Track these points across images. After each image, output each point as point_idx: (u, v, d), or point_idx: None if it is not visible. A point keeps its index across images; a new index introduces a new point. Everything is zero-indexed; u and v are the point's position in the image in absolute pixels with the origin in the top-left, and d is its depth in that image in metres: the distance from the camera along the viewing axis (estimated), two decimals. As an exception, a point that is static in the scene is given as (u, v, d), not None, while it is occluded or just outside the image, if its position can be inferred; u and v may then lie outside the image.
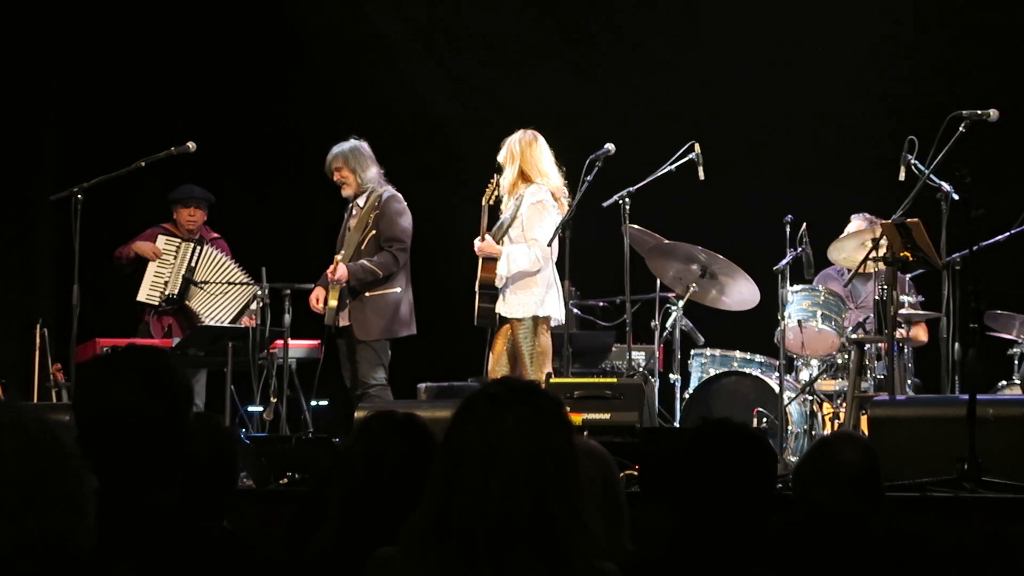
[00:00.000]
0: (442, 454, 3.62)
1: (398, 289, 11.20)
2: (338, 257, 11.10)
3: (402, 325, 11.23)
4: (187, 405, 3.75)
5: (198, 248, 12.10)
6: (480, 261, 10.81)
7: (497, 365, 10.79)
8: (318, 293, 11.19)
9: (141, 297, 12.08)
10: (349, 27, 14.38)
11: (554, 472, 3.52)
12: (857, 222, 11.73)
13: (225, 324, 11.76)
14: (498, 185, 10.91)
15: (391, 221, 11.14)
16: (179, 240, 12.11)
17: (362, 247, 11.07)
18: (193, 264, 12.07)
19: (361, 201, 11.23)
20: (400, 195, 11.28)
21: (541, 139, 10.83)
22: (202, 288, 12.01)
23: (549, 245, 10.62)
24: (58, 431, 2.59)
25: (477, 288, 10.84)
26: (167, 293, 12.03)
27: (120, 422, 3.55)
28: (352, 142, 11.22)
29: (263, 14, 14.48)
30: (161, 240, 12.13)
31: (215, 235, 12.43)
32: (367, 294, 11.13)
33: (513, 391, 3.60)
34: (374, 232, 11.07)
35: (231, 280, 11.98)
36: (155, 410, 3.62)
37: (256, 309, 11.70)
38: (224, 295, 12.04)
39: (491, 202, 10.91)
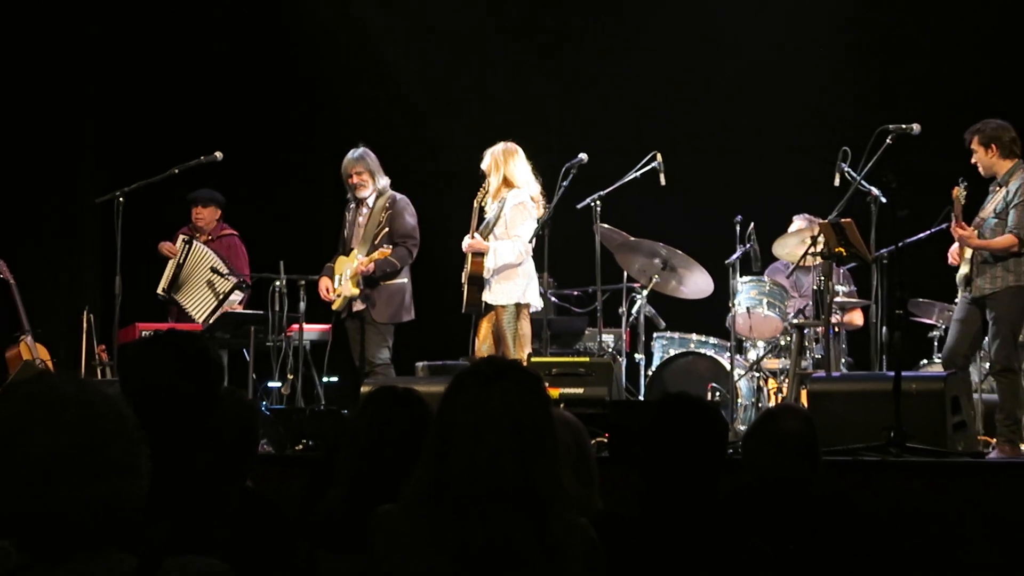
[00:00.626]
0: (436, 425, 3.64)
1: (404, 279, 11.16)
2: (355, 251, 11.06)
3: (406, 311, 11.18)
4: (218, 381, 3.76)
5: (187, 246, 12.05)
6: (469, 256, 10.79)
7: (482, 346, 10.77)
8: (325, 283, 11.14)
9: (158, 290, 12.08)
10: (355, 50, 14.37)
11: (534, 440, 3.54)
12: (799, 222, 11.73)
13: (204, 315, 11.72)
14: (486, 187, 10.90)
15: (404, 220, 11.09)
16: (188, 239, 12.09)
17: (375, 241, 11.02)
18: (182, 261, 12.02)
19: (371, 201, 11.14)
20: (407, 198, 11.23)
21: (520, 151, 10.83)
22: (183, 284, 12.00)
23: (530, 242, 10.62)
24: (119, 404, 2.60)
25: (466, 280, 10.81)
26: (161, 287, 12.04)
27: (160, 395, 3.56)
28: (364, 149, 11.17)
29: (276, 37, 14.45)
30: (179, 240, 12.13)
31: (228, 232, 12.34)
32: (383, 283, 11.06)
33: (498, 369, 3.63)
34: (387, 229, 11.02)
35: (211, 272, 11.91)
36: (190, 385, 3.63)
37: (240, 300, 11.72)
38: (202, 288, 11.99)
39: (483, 203, 10.90)
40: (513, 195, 10.73)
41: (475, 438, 3.51)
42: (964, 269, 9.71)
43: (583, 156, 10.60)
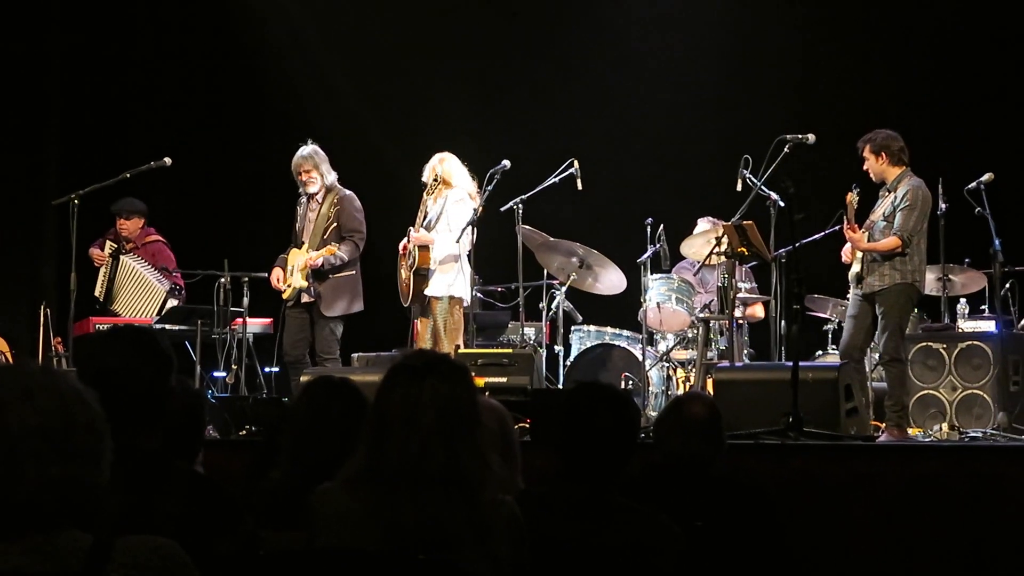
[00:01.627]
0: (372, 413, 3.66)
1: (353, 271, 11.03)
2: (305, 244, 10.97)
3: (355, 302, 11.04)
4: (168, 369, 3.74)
5: (114, 261, 11.99)
6: (416, 250, 10.74)
7: (424, 338, 10.75)
8: (277, 273, 11.02)
9: (95, 292, 12.03)
10: (298, 61, 14.36)
11: (461, 427, 3.57)
12: (703, 224, 11.78)
13: (147, 318, 11.68)
14: (430, 191, 10.85)
15: (351, 216, 10.94)
16: (113, 248, 12.03)
17: (324, 236, 10.92)
18: (113, 275, 12.00)
19: (320, 197, 11.01)
20: (355, 194, 11.12)
21: (452, 156, 10.83)
22: (116, 296, 11.96)
23: (458, 241, 10.60)
24: (87, 396, 2.59)
25: (410, 272, 10.76)
26: (98, 298, 11.99)
27: (114, 381, 3.54)
28: (313, 146, 11.04)
29: (220, 46, 14.40)
30: (106, 247, 12.06)
31: (153, 238, 12.20)
32: (331, 276, 10.92)
33: (427, 363, 3.65)
34: (335, 224, 10.90)
35: (141, 280, 11.90)
36: (143, 373, 3.62)
37: (176, 304, 11.70)
38: (135, 297, 11.95)
39: (429, 197, 10.86)
40: (453, 193, 10.72)
41: (407, 426, 3.54)
42: (856, 268, 9.79)
43: (506, 163, 10.61)
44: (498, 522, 3.61)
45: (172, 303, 11.71)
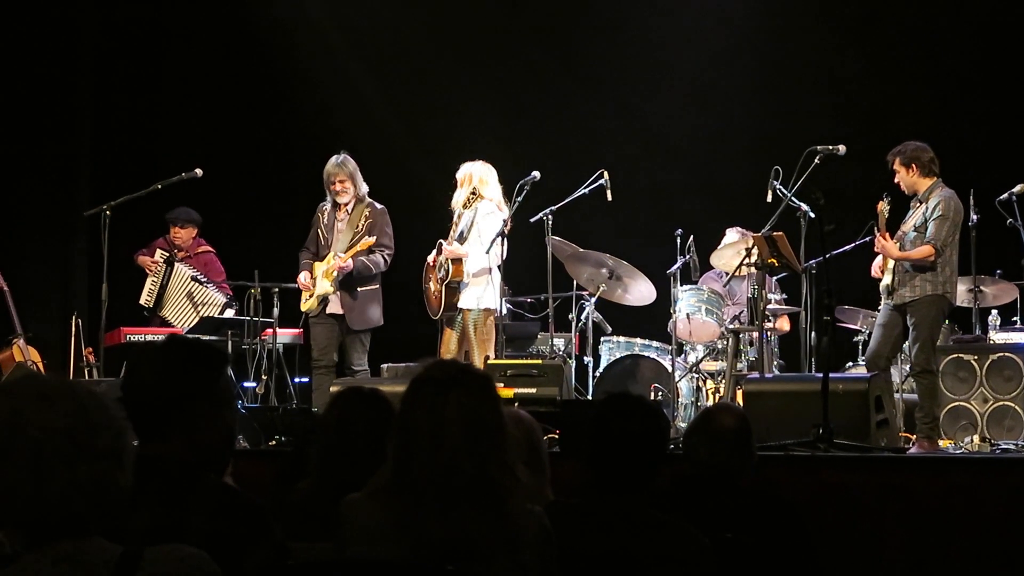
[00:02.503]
0: (397, 428, 3.63)
1: (377, 285, 10.98)
2: (330, 255, 10.91)
3: (380, 316, 11.01)
4: (209, 382, 3.72)
5: (169, 269, 12.07)
6: (449, 263, 10.72)
7: (448, 348, 10.76)
8: (305, 274, 10.95)
9: (141, 301, 12.08)
10: (323, 72, 14.39)
11: (488, 439, 3.55)
12: (731, 234, 11.77)
13: (187, 325, 11.73)
14: (467, 204, 10.85)
15: (382, 231, 10.87)
16: (166, 256, 12.09)
17: (352, 245, 10.86)
18: (165, 283, 12.06)
19: (350, 207, 10.94)
20: (385, 207, 11.06)
21: (487, 165, 10.83)
22: (166, 302, 12.02)
23: (487, 252, 10.60)
24: (104, 397, 2.63)
25: (441, 285, 10.76)
26: (146, 305, 12.04)
27: (149, 393, 3.54)
28: (346, 155, 10.97)
29: (249, 58, 14.44)
30: (158, 254, 12.12)
31: (205, 248, 12.33)
32: (359, 288, 10.86)
33: (451, 375, 3.62)
34: (367, 236, 10.79)
35: (192, 287, 11.97)
36: (178, 385, 3.60)
37: (235, 312, 11.76)
38: (183, 303, 12.00)
39: (453, 211, 10.87)
40: (484, 206, 10.72)
41: (433, 440, 3.51)
42: (887, 279, 9.77)
43: (536, 174, 10.60)
44: (527, 533, 3.59)
45: (230, 313, 11.76)
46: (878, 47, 13.39)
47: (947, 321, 10.80)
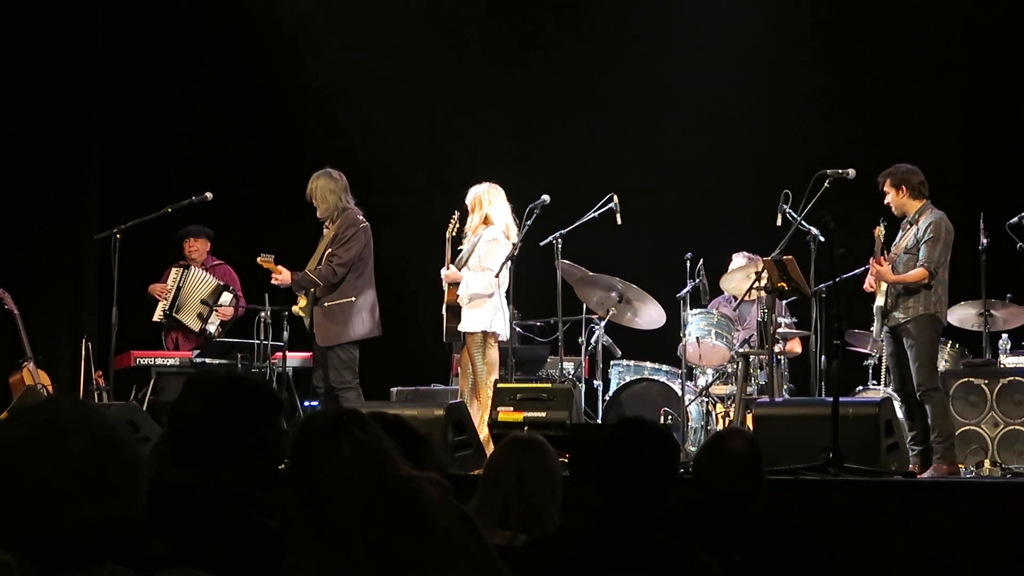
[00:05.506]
0: (296, 481, 3.54)
1: (352, 298, 10.70)
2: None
3: (352, 329, 10.68)
4: (265, 427, 3.72)
5: (186, 271, 12.13)
6: (447, 287, 10.76)
7: (465, 373, 10.74)
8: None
9: (154, 318, 12.12)
10: (334, 95, 14.43)
11: (386, 466, 3.46)
12: (738, 259, 11.79)
13: (200, 325, 11.85)
14: (459, 220, 10.88)
15: (339, 238, 10.69)
16: (180, 271, 12.15)
17: (320, 262, 10.75)
18: (181, 284, 12.10)
19: (328, 223, 10.85)
20: (358, 219, 10.81)
21: (502, 192, 10.84)
22: (182, 305, 12.06)
23: (497, 276, 10.61)
24: (116, 428, 2.57)
25: (444, 310, 10.80)
26: (163, 309, 12.08)
27: (183, 423, 3.56)
28: (325, 171, 10.86)
29: (261, 82, 14.49)
30: (171, 274, 12.17)
31: (219, 262, 12.42)
32: (326, 303, 10.69)
33: (336, 421, 3.54)
34: (330, 250, 10.72)
35: (208, 290, 12.01)
36: (239, 425, 3.61)
37: (229, 302, 11.76)
38: (200, 306, 12.04)
39: (453, 234, 10.88)
40: (489, 231, 10.73)
41: (341, 483, 3.42)
42: (880, 301, 9.83)
43: (545, 198, 10.63)
44: (453, 517, 3.54)
45: (227, 298, 11.87)
46: (888, 72, 13.42)
47: (956, 345, 10.80)
